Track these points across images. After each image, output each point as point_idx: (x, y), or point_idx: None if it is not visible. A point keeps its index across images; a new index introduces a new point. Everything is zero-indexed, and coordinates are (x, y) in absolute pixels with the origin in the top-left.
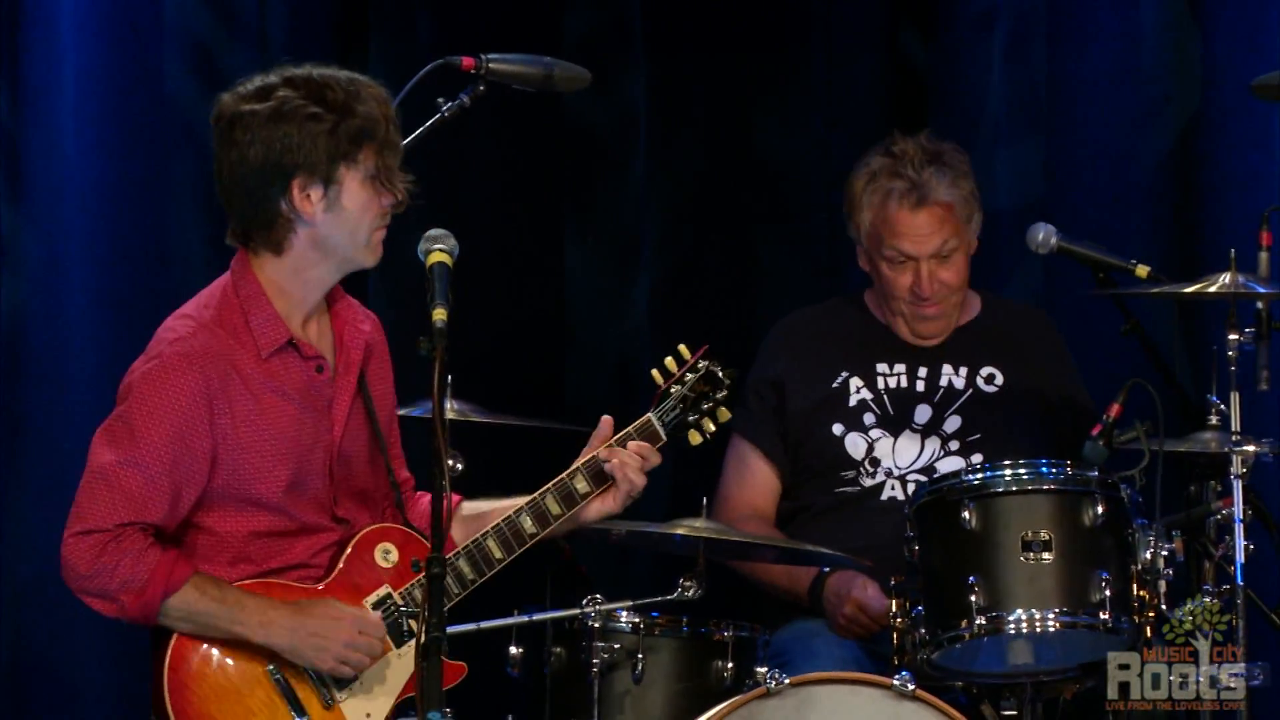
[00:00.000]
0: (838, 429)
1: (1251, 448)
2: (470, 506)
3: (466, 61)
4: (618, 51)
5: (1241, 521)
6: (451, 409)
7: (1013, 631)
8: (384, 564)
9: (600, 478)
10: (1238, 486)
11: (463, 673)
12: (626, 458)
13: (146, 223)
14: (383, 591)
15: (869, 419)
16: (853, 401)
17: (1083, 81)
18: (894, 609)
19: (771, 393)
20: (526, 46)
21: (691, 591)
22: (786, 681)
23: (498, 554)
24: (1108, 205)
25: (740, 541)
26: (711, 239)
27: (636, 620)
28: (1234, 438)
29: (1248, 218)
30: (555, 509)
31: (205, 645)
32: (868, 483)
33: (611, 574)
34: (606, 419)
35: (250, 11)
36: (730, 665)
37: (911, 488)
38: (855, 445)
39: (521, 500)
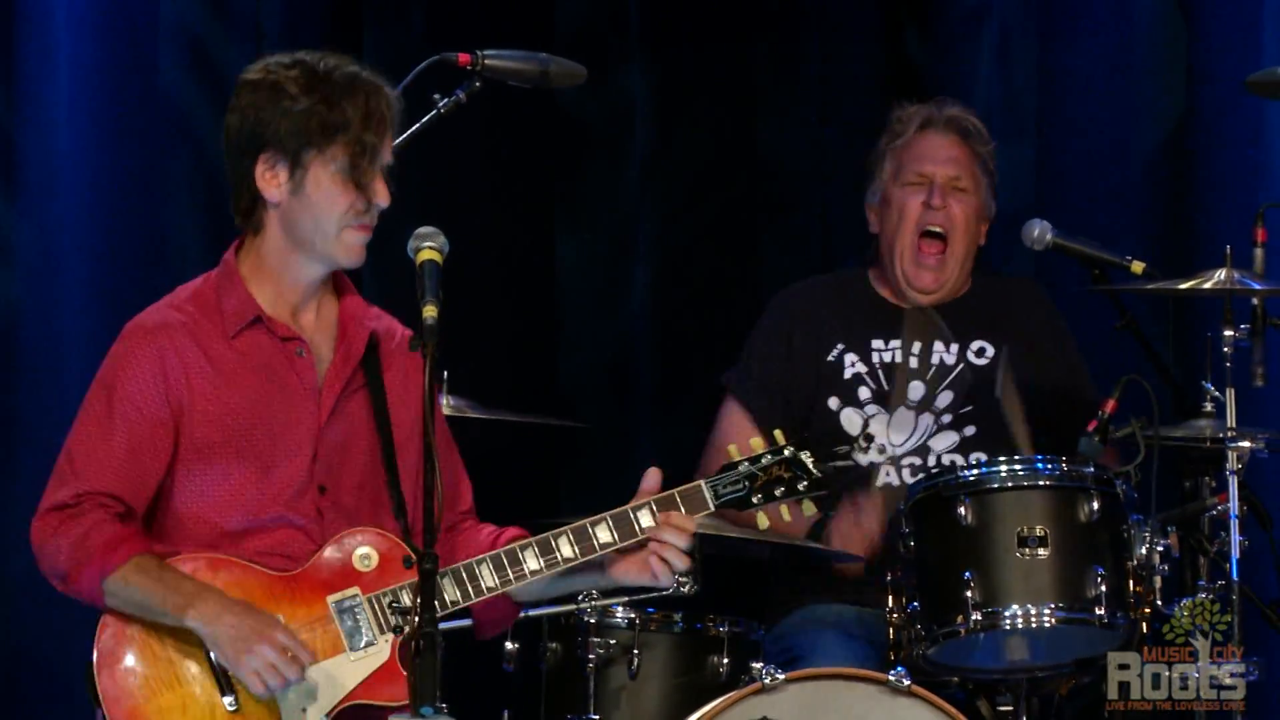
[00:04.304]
0: (833, 403)
1: (1247, 443)
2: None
3: (463, 58)
4: (613, 44)
5: (1237, 517)
6: (447, 405)
7: (1008, 627)
8: (360, 567)
9: (627, 531)
10: (1233, 482)
11: None
12: (668, 536)
13: (141, 216)
14: (350, 591)
15: (864, 394)
16: (848, 375)
17: (1075, 77)
18: (890, 604)
19: (781, 347)
20: (520, 37)
21: (687, 587)
22: (781, 677)
23: (489, 582)
24: (1101, 201)
25: (736, 538)
26: (706, 232)
27: (632, 616)
28: (1229, 433)
29: (1241, 214)
30: (567, 551)
31: (138, 619)
32: (863, 459)
33: None
34: (654, 470)
35: (245, 4)
36: (726, 660)
37: (906, 473)
38: (850, 421)
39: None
